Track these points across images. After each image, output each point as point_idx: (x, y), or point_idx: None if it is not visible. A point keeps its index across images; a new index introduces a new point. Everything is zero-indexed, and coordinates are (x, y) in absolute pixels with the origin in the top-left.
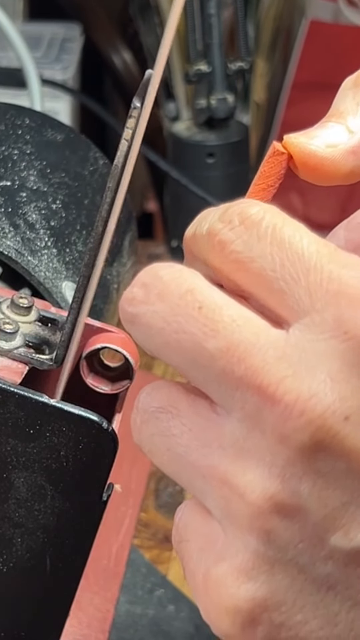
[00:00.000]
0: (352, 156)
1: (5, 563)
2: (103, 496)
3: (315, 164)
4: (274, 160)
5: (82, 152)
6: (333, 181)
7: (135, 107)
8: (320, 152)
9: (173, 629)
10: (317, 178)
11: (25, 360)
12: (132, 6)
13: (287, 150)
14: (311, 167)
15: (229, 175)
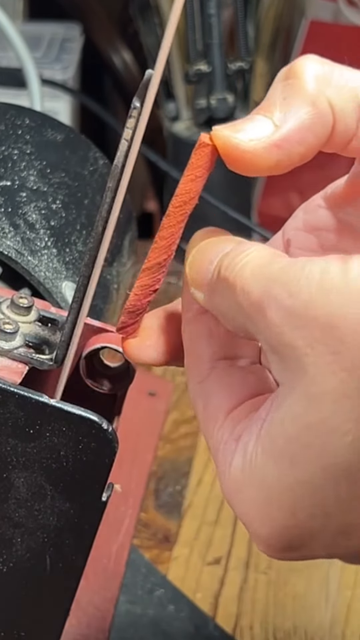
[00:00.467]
0: (276, 150)
1: (5, 563)
2: (103, 496)
3: (237, 156)
4: (200, 152)
5: (82, 152)
6: (257, 172)
7: (135, 107)
8: (242, 145)
9: (173, 629)
10: (241, 169)
11: (25, 360)
12: (132, 6)
13: (213, 142)
14: (233, 159)
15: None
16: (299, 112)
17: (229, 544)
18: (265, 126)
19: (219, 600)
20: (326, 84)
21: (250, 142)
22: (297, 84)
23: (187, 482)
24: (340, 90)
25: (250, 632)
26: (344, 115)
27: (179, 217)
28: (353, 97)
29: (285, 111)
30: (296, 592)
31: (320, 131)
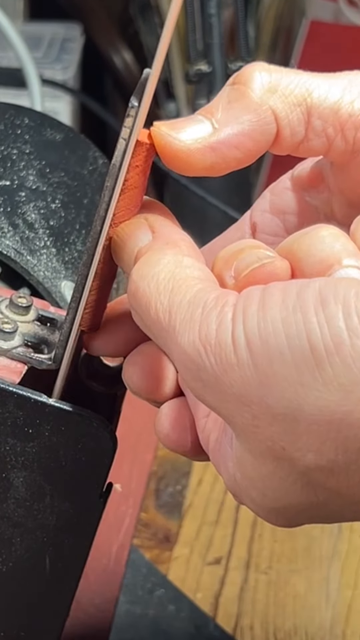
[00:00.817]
0: (211, 152)
1: (5, 563)
2: (102, 495)
3: (171, 155)
4: (140, 149)
5: (82, 151)
6: (192, 172)
7: (133, 106)
8: (176, 145)
9: (173, 629)
10: (176, 168)
11: (24, 359)
12: (132, 6)
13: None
14: (168, 158)
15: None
16: (240, 117)
17: (230, 544)
18: (204, 127)
19: (219, 601)
20: (271, 92)
21: (185, 142)
22: (243, 90)
23: (187, 482)
24: (287, 97)
25: (251, 632)
26: (290, 122)
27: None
28: (299, 103)
29: (227, 115)
30: (297, 592)
31: (260, 138)
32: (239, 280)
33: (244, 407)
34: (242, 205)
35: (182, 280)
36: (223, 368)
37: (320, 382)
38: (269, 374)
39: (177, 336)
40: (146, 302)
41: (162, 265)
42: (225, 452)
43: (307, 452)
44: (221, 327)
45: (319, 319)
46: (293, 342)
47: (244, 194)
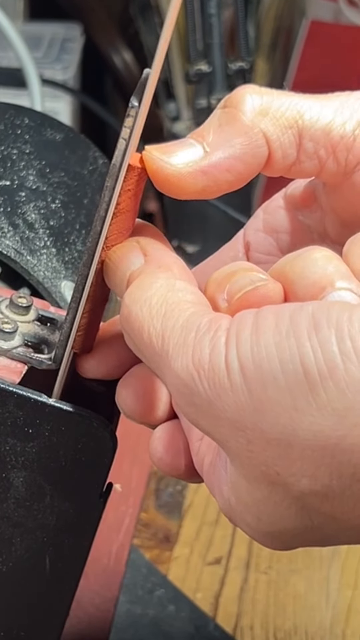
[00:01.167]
0: (202, 176)
1: (5, 563)
2: (102, 495)
3: (162, 179)
4: (132, 173)
5: (82, 151)
6: (184, 196)
7: (133, 106)
8: (167, 169)
9: (173, 629)
10: (168, 192)
11: (24, 359)
12: (132, 6)
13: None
14: (160, 182)
15: None
16: (231, 141)
17: (230, 544)
18: (195, 151)
19: (219, 601)
20: (263, 115)
21: (176, 166)
22: (234, 113)
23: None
24: (278, 120)
25: (251, 632)
26: (281, 144)
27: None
28: (291, 125)
29: (218, 138)
30: (297, 592)
31: (251, 161)
32: (231, 303)
33: (238, 431)
34: (242, 206)
35: (175, 304)
36: (216, 393)
37: (314, 407)
38: (263, 399)
39: (170, 361)
40: (139, 326)
41: (155, 289)
42: (220, 476)
43: (301, 477)
44: (214, 351)
45: (312, 343)
46: (287, 366)
47: (244, 194)
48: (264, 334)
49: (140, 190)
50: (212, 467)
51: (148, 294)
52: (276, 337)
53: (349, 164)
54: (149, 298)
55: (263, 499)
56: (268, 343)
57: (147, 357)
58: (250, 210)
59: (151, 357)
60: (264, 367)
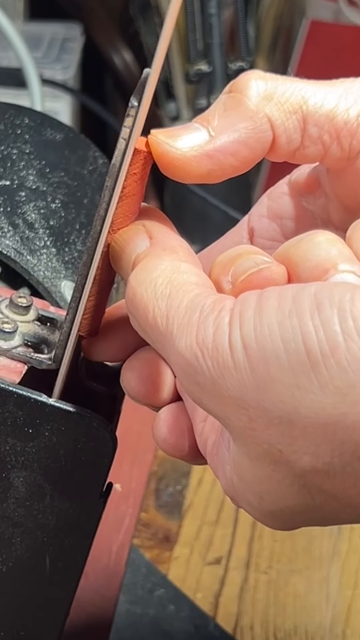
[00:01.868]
0: (207, 160)
1: (5, 563)
2: (102, 495)
3: (167, 163)
4: (138, 157)
5: (82, 151)
6: (189, 180)
7: (133, 105)
8: (173, 152)
9: (173, 629)
10: (173, 175)
11: (23, 359)
12: (132, 6)
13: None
14: (165, 165)
15: None
16: (236, 125)
17: (230, 544)
18: (201, 135)
19: (219, 600)
20: (267, 100)
21: (182, 150)
22: (239, 98)
23: (187, 482)
24: (282, 105)
25: (251, 632)
26: (285, 129)
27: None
28: (295, 110)
29: (223, 122)
30: (297, 592)
31: (256, 145)
32: (236, 285)
33: (240, 410)
34: (242, 205)
35: (180, 285)
36: (220, 372)
37: (316, 385)
38: (266, 378)
39: (175, 340)
40: (144, 307)
41: (160, 271)
42: (223, 456)
43: (303, 455)
44: (218, 331)
45: (315, 322)
46: (289, 345)
47: (244, 194)
48: (267, 314)
49: (146, 174)
50: (215, 447)
51: (153, 276)
52: (279, 316)
53: (352, 150)
54: (154, 279)
55: (265, 477)
56: (271, 322)
57: (151, 337)
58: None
59: (156, 338)
60: (266, 346)
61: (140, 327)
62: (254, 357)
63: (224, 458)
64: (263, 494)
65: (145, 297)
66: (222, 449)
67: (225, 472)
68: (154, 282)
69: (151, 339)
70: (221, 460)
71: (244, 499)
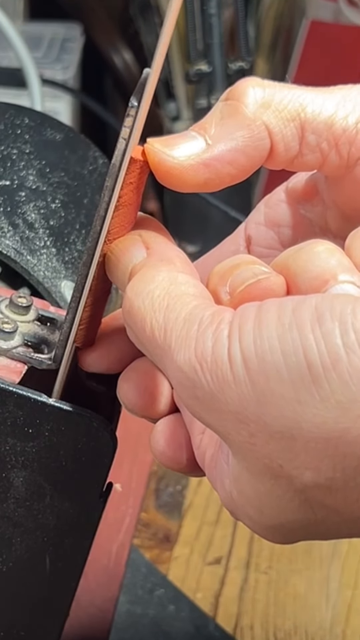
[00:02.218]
0: (205, 168)
1: (5, 563)
2: (102, 495)
3: (164, 172)
4: (134, 166)
5: (82, 151)
6: (186, 189)
7: (133, 105)
8: (169, 162)
9: (173, 629)
10: (170, 185)
11: (23, 359)
12: (132, 6)
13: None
14: (162, 175)
15: None
16: (234, 133)
17: (230, 544)
18: (198, 144)
19: (219, 600)
20: (265, 108)
21: (178, 159)
22: (236, 106)
23: (187, 482)
24: (280, 113)
25: (251, 632)
26: (283, 137)
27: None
28: (293, 118)
29: (220, 131)
30: (297, 592)
31: (253, 153)
32: (234, 296)
33: (240, 424)
34: (242, 206)
35: (177, 297)
36: (219, 385)
37: (318, 400)
38: (266, 392)
39: (173, 353)
40: (141, 319)
41: (157, 282)
42: (222, 469)
43: (305, 470)
44: (217, 344)
45: (316, 335)
46: (290, 359)
47: (244, 194)
48: (266, 327)
49: (142, 183)
50: (213, 460)
51: (150, 287)
52: (279, 329)
53: (351, 157)
54: (151, 291)
55: (266, 492)
56: (271, 335)
57: (149, 350)
58: (251, 210)
59: (153, 350)
60: (266, 359)
61: (138, 339)
62: (254, 371)
63: (223, 471)
64: (263, 508)
65: (143, 309)
66: (220, 462)
67: (224, 485)
68: (151, 293)
69: (148, 352)
70: (220, 473)
71: (243, 513)
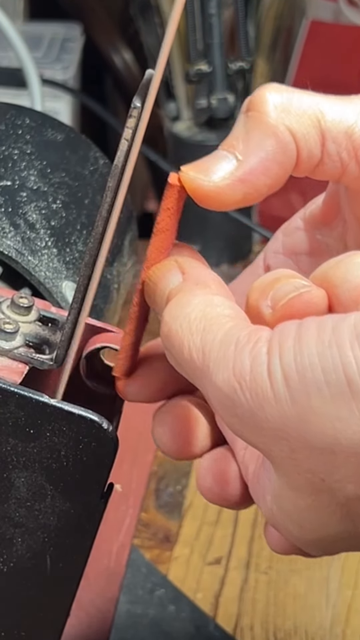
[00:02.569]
0: (241, 185)
1: (6, 563)
2: (103, 496)
3: (202, 196)
4: (169, 193)
5: (83, 151)
6: (226, 208)
7: (136, 106)
8: (206, 186)
9: (174, 629)
10: (210, 207)
11: (25, 360)
12: (132, 6)
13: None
14: (200, 199)
15: None
16: (261, 144)
17: (230, 544)
18: (228, 162)
19: (219, 601)
20: (286, 113)
21: (213, 182)
22: (258, 116)
23: (187, 482)
24: (301, 117)
25: (251, 632)
26: (307, 142)
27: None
28: (314, 123)
29: (248, 145)
30: (297, 592)
31: (284, 160)
32: (276, 309)
33: (281, 440)
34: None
35: (214, 319)
36: (259, 403)
37: (357, 416)
38: (307, 409)
39: (212, 374)
40: (179, 342)
41: (193, 306)
42: (264, 485)
43: (346, 484)
44: (255, 362)
45: (355, 353)
46: (330, 376)
47: None
48: (307, 344)
49: (179, 209)
50: (256, 476)
51: (187, 311)
52: (319, 347)
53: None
54: (188, 314)
55: (306, 507)
56: (311, 353)
57: (188, 372)
58: (251, 211)
59: (193, 373)
60: (307, 376)
61: (177, 363)
62: (294, 389)
63: (265, 487)
64: (303, 522)
65: (180, 333)
66: (263, 478)
67: (266, 501)
68: (187, 317)
69: (188, 374)
70: (262, 489)
71: (284, 528)
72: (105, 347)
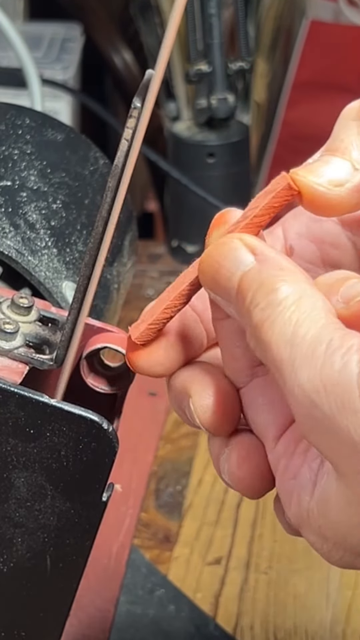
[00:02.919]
0: (358, 194)
1: (6, 563)
2: (103, 496)
3: (322, 204)
4: (284, 194)
5: (83, 151)
6: (337, 215)
7: (136, 107)
8: (328, 194)
9: (173, 629)
10: (323, 214)
11: (25, 360)
12: (132, 6)
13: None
14: (318, 206)
15: (230, 175)
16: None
17: (230, 544)
18: (344, 169)
19: (219, 600)
20: None
21: (334, 189)
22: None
23: (187, 482)
24: None
25: (251, 632)
26: None
27: None
28: None
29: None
30: (297, 592)
31: None
32: (350, 305)
33: (356, 454)
34: (242, 205)
35: (307, 312)
36: (343, 412)
37: None
38: None
39: (296, 370)
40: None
41: (286, 294)
42: (303, 485)
43: None
44: (345, 369)
45: None
46: None
47: (244, 194)
48: None
49: (280, 209)
50: (290, 472)
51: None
52: None
53: None
54: (280, 302)
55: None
56: None
57: (271, 362)
58: None
59: (278, 364)
60: None
61: (261, 350)
62: None
63: (305, 487)
64: (348, 536)
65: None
66: (304, 477)
67: (300, 500)
68: (280, 305)
69: (271, 364)
70: (299, 487)
71: (315, 532)
72: (106, 347)
